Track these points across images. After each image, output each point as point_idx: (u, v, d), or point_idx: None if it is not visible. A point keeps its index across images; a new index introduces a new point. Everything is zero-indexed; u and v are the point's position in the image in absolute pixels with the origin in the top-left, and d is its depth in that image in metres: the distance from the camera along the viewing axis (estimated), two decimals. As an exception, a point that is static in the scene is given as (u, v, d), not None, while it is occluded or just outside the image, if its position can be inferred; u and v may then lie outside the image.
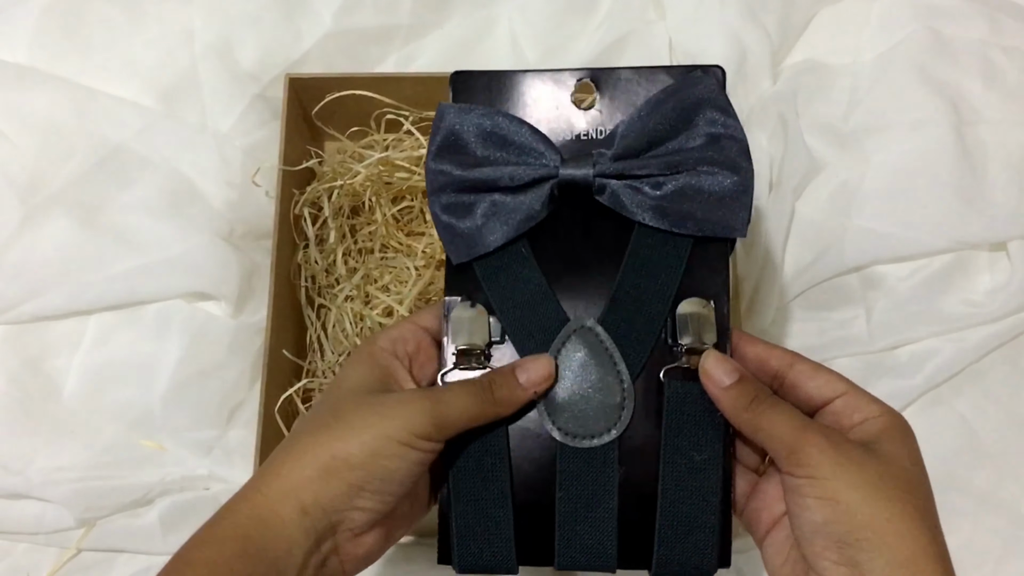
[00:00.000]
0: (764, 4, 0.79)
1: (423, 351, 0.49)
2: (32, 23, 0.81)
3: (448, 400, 0.44)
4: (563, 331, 0.48)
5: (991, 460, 0.68)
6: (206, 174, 0.77)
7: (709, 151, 0.48)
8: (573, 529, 0.47)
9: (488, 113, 0.50)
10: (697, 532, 0.47)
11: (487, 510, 0.47)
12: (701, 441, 0.47)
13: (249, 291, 0.74)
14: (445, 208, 0.49)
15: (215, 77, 0.79)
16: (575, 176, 0.49)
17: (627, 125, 0.50)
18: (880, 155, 0.74)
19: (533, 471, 0.48)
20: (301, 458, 0.42)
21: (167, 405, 0.71)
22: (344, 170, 0.74)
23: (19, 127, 0.78)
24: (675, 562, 0.47)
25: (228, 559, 0.40)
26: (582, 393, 0.48)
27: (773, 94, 0.77)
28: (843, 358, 0.71)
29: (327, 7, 0.80)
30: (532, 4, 0.81)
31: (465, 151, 0.50)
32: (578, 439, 0.48)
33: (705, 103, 0.49)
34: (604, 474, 0.47)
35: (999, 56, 0.76)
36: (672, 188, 0.48)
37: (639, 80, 0.51)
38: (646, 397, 0.48)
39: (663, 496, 0.47)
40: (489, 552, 0.47)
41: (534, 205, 0.49)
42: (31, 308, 0.73)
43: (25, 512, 0.70)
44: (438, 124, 0.50)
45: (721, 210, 0.48)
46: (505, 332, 0.49)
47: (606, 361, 0.48)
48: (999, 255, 0.72)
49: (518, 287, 0.49)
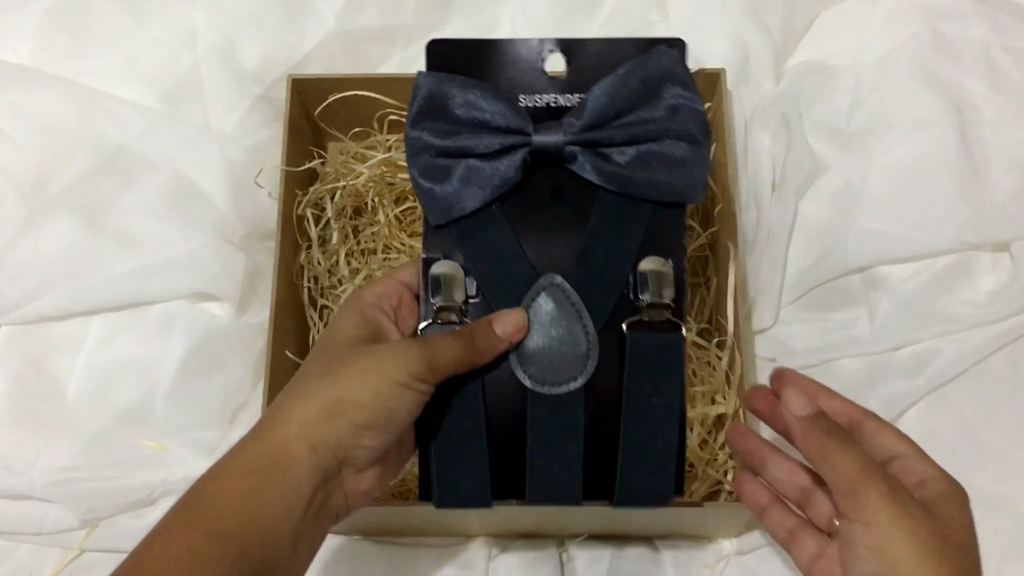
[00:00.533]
0: (767, 5, 0.79)
1: (405, 305, 0.53)
2: (35, 24, 0.81)
3: (438, 347, 0.48)
4: (533, 288, 0.52)
5: (994, 461, 0.67)
6: (209, 175, 0.77)
7: (671, 122, 0.52)
8: (542, 468, 0.52)
9: (464, 83, 0.52)
10: (656, 466, 0.51)
11: (464, 452, 0.51)
12: (660, 386, 0.51)
13: (252, 292, 0.74)
14: (423, 173, 0.52)
15: (218, 78, 0.79)
16: (546, 144, 0.52)
17: (595, 96, 0.52)
18: (883, 156, 0.74)
19: (506, 416, 0.52)
20: (308, 401, 0.46)
21: (170, 406, 0.71)
22: (347, 171, 0.74)
23: (22, 128, 0.78)
24: (635, 492, 0.52)
25: (242, 493, 0.43)
26: (551, 344, 0.52)
27: (776, 95, 0.77)
28: (846, 359, 0.71)
29: (330, 8, 0.80)
30: (534, 5, 0.81)
31: (443, 119, 0.53)
32: (547, 386, 0.52)
33: (668, 77, 0.52)
34: (571, 418, 0.51)
35: (1002, 56, 0.76)
36: (636, 156, 0.52)
37: (606, 51, 0.54)
38: (609, 348, 0.52)
39: (625, 436, 0.51)
40: (466, 489, 0.52)
41: (508, 171, 0.52)
42: (34, 309, 0.73)
43: (28, 513, 0.70)
44: (416, 92, 0.53)
45: (680, 177, 0.52)
46: (480, 289, 0.52)
47: (573, 315, 0.52)
48: (1002, 256, 0.72)
49: (492, 247, 0.52)
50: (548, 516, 0.66)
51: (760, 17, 0.79)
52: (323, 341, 0.50)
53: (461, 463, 0.52)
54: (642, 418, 0.51)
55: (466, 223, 0.53)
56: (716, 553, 0.68)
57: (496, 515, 0.65)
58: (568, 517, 0.66)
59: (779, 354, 0.71)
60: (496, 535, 0.69)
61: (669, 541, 0.68)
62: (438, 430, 0.51)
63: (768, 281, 0.72)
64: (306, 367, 0.48)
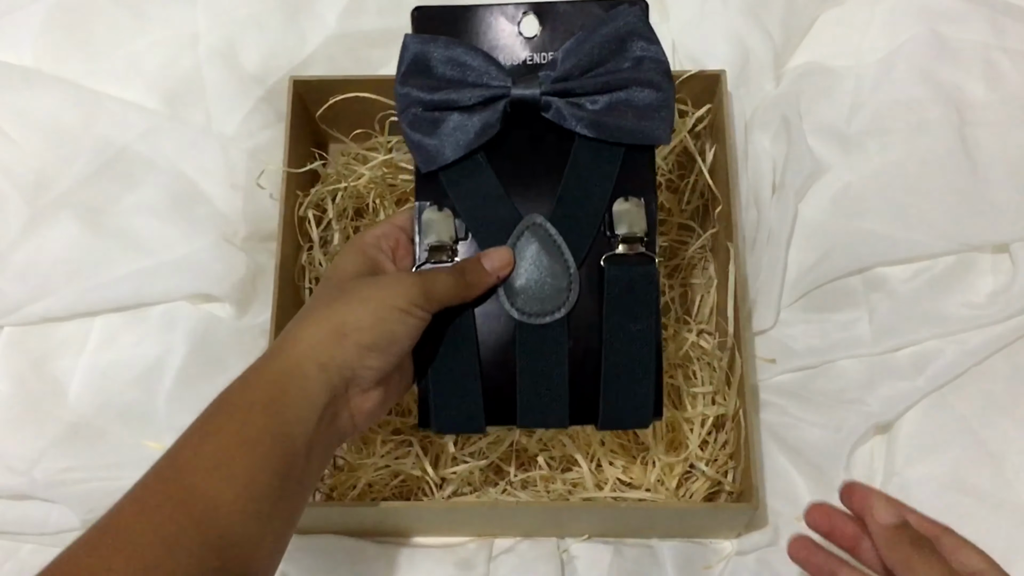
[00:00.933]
0: (767, 6, 0.79)
1: (401, 246, 0.58)
2: (37, 25, 0.81)
3: (433, 279, 0.53)
4: (517, 228, 0.56)
5: (994, 462, 0.67)
6: (210, 176, 0.77)
7: (636, 72, 0.56)
8: (531, 394, 0.56)
9: (447, 42, 0.57)
10: (635, 389, 0.56)
11: (459, 380, 0.56)
12: (637, 314, 0.55)
13: (253, 293, 0.75)
14: (412, 125, 0.57)
15: (220, 80, 0.79)
16: (524, 95, 0.56)
17: (567, 51, 0.57)
18: (883, 157, 0.74)
19: (497, 347, 0.56)
20: (316, 325, 0.50)
21: (171, 406, 0.71)
22: (348, 172, 0.75)
23: (24, 129, 0.78)
24: (617, 416, 0.56)
25: (262, 403, 0.47)
26: (535, 279, 0.56)
27: (776, 96, 0.78)
28: (845, 360, 0.71)
29: (331, 10, 0.81)
30: (535, 7, 0.81)
31: (428, 75, 0.57)
32: (533, 317, 0.56)
33: (633, 32, 0.57)
34: (556, 346, 0.56)
35: (1001, 58, 0.76)
36: (606, 103, 0.56)
37: (575, 12, 0.59)
38: (589, 280, 0.56)
39: (606, 361, 0.55)
40: (462, 416, 0.56)
41: (489, 121, 0.56)
42: (36, 309, 0.73)
43: (30, 513, 0.70)
44: (404, 53, 0.57)
45: (647, 121, 0.56)
46: (468, 230, 0.57)
47: (555, 251, 0.56)
48: (1002, 257, 0.72)
49: (478, 192, 0.57)
50: (548, 517, 0.66)
51: (760, 19, 0.79)
52: (327, 277, 0.55)
53: (456, 390, 0.56)
54: (620, 344, 0.55)
55: (454, 171, 0.57)
56: (716, 553, 0.68)
57: (497, 515, 0.65)
58: (568, 517, 0.66)
59: (779, 355, 0.71)
60: (496, 535, 0.69)
61: (669, 541, 0.68)
62: (434, 360, 0.55)
63: (768, 282, 0.72)
64: (313, 299, 0.53)
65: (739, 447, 0.65)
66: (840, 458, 0.68)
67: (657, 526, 0.68)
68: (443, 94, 0.56)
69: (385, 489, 0.68)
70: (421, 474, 0.67)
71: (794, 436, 0.69)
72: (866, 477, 0.68)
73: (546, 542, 0.68)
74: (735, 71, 0.77)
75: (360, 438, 0.69)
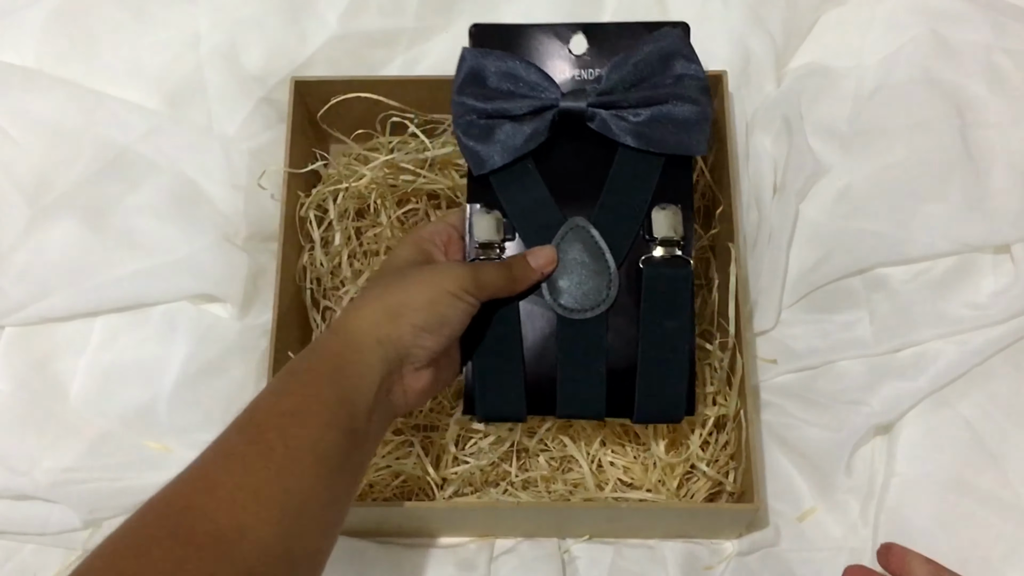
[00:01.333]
0: (769, 7, 0.79)
1: (453, 243, 0.61)
2: (39, 26, 0.81)
3: (483, 269, 0.57)
4: (561, 229, 0.60)
5: (995, 462, 0.67)
6: (212, 176, 0.77)
7: (677, 88, 0.60)
8: (571, 385, 0.60)
9: (502, 56, 0.62)
10: (670, 385, 0.59)
11: (504, 370, 0.59)
12: (672, 312, 0.59)
13: (255, 293, 0.75)
14: (466, 132, 0.61)
15: (221, 80, 0.79)
16: (572, 107, 0.60)
17: (612, 67, 0.61)
18: (884, 158, 0.74)
19: (540, 340, 0.60)
20: (374, 305, 0.53)
21: (173, 406, 0.71)
22: (349, 172, 0.75)
23: (26, 129, 0.78)
24: (652, 410, 0.60)
25: (328, 371, 0.50)
26: (577, 277, 0.60)
27: (777, 97, 0.78)
28: (847, 360, 0.71)
29: (332, 10, 0.81)
30: (537, 7, 0.81)
31: (483, 86, 0.62)
32: (575, 313, 0.60)
33: (675, 52, 0.61)
34: (595, 339, 0.59)
35: (1003, 59, 0.76)
36: (648, 116, 0.60)
37: (620, 33, 0.63)
38: (628, 280, 0.60)
39: (642, 356, 0.59)
40: (504, 404, 0.60)
41: (539, 129, 0.61)
42: (38, 310, 0.73)
43: (31, 513, 0.70)
44: (461, 64, 0.62)
45: (686, 133, 0.60)
46: (516, 230, 0.61)
47: (596, 252, 0.60)
48: (1003, 258, 0.72)
49: (526, 195, 0.61)
50: (550, 517, 0.66)
51: (761, 19, 0.79)
52: (385, 265, 0.59)
53: (500, 380, 0.59)
54: (656, 340, 0.59)
55: (504, 176, 0.61)
56: (717, 554, 0.68)
57: (498, 515, 0.65)
58: (570, 518, 0.66)
59: (780, 355, 0.71)
60: (497, 535, 0.69)
61: (670, 542, 0.68)
62: (481, 350, 0.59)
63: (769, 283, 0.72)
64: (371, 284, 0.57)
65: (740, 447, 0.65)
66: (841, 458, 0.68)
67: (658, 526, 0.68)
68: (496, 104, 0.60)
69: (386, 489, 0.68)
70: (422, 474, 0.67)
71: (795, 436, 0.69)
72: (867, 477, 0.68)
73: (547, 542, 0.68)
74: (736, 72, 0.77)
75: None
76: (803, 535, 0.68)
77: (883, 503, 0.67)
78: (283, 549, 0.44)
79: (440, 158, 0.74)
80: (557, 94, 0.60)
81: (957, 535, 0.66)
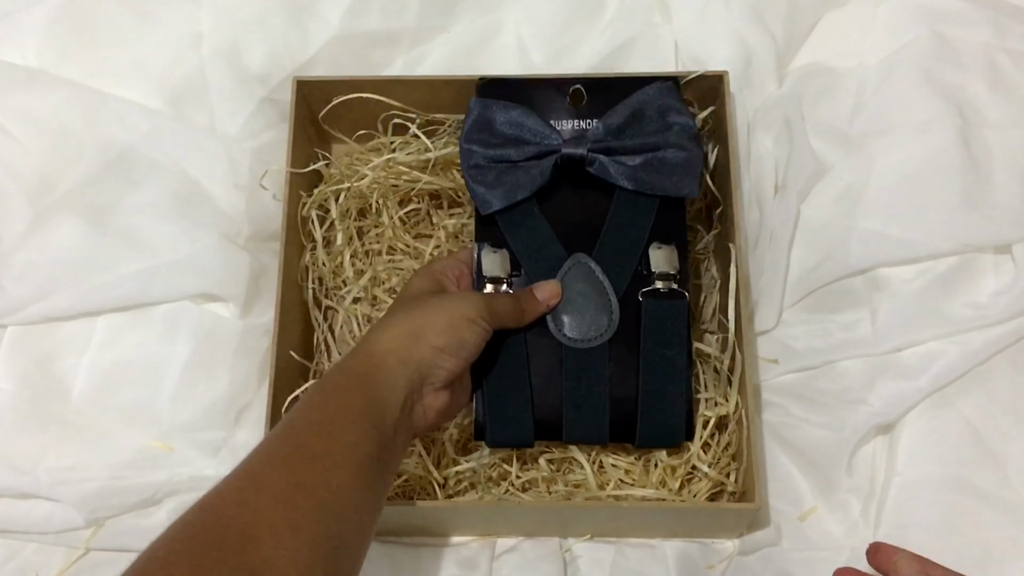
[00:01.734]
0: (770, 7, 0.79)
1: (463, 278, 0.65)
2: (42, 26, 0.81)
3: (495, 300, 0.61)
4: (565, 265, 0.65)
5: (996, 462, 0.67)
6: (214, 176, 0.77)
7: (670, 136, 0.66)
8: (576, 412, 0.63)
9: (507, 106, 0.67)
10: (669, 411, 0.63)
11: (512, 399, 0.63)
12: (670, 341, 0.64)
13: (256, 292, 0.75)
14: (473, 176, 0.66)
15: (223, 80, 0.79)
16: (573, 152, 0.66)
17: (610, 117, 0.67)
18: (885, 158, 0.74)
19: (545, 369, 0.64)
20: (396, 329, 0.56)
21: (175, 406, 0.71)
22: (351, 172, 0.75)
23: (28, 129, 0.78)
24: (653, 435, 0.64)
25: (356, 386, 0.53)
26: (581, 309, 0.64)
27: (778, 97, 0.78)
28: (848, 360, 0.71)
29: (334, 10, 0.81)
30: (538, 7, 0.81)
31: (490, 133, 0.67)
32: (579, 342, 0.64)
33: (666, 104, 0.67)
34: (598, 369, 0.64)
35: (1004, 59, 0.76)
36: (643, 161, 0.66)
37: (617, 86, 0.68)
38: (628, 312, 0.64)
39: (643, 383, 0.63)
40: (513, 431, 0.63)
41: (541, 173, 0.66)
42: (40, 309, 0.73)
43: (34, 512, 0.70)
44: (469, 114, 0.68)
45: (677, 177, 0.66)
46: (521, 267, 0.65)
47: (598, 286, 0.65)
48: (1004, 258, 0.72)
49: (531, 234, 0.66)
50: (551, 516, 0.66)
51: (763, 19, 0.79)
52: (402, 295, 0.62)
53: (509, 408, 0.63)
54: (655, 368, 0.63)
55: (510, 216, 0.66)
56: (718, 553, 0.68)
57: (499, 515, 0.65)
58: (571, 517, 0.66)
59: (781, 355, 0.71)
60: (499, 535, 0.69)
61: (672, 541, 0.68)
62: (490, 380, 0.63)
63: (770, 283, 0.72)
64: (390, 311, 0.60)
65: (741, 447, 0.65)
66: (842, 458, 0.68)
67: (659, 526, 0.68)
68: (502, 150, 0.66)
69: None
70: (424, 474, 0.67)
71: (796, 436, 0.69)
72: (868, 477, 0.68)
73: (549, 542, 0.68)
74: (738, 72, 0.77)
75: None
76: (804, 535, 0.68)
77: (884, 503, 0.67)
78: (331, 547, 0.47)
79: (442, 158, 0.74)
80: (559, 140, 0.66)
81: (958, 535, 0.66)
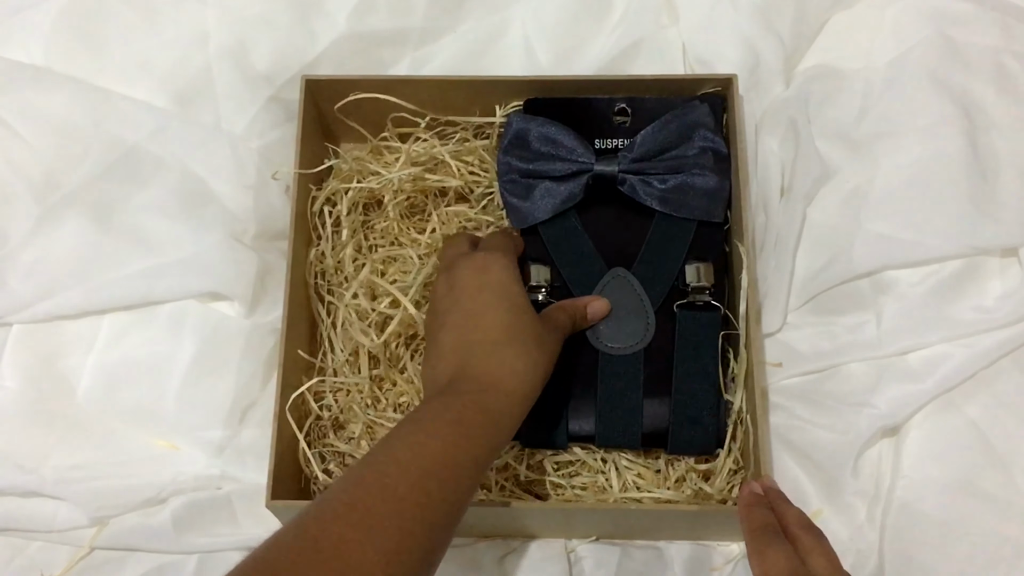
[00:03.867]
0: (777, 9, 0.79)
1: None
2: (48, 24, 0.81)
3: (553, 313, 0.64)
4: (605, 277, 0.68)
5: (1002, 465, 0.67)
6: (220, 175, 0.77)
7: (700, 159, 0.68)
8: (610, 416, 0.65)
9: (544, 122, 0.69)
10: (701, 418, 0.65)
11: (548, 401, 0.61)
12: (702, 351, 0.66)
13: (262, 291, 0.75)
14: (508, 189, 0.69)
15: (229, 79, 0.79)
16: (604, 171, 0.68)
17: (643, 137, 0.69)
18: (892, 160, 0.74)
19: (581, 374, 0.66)
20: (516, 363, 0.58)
21: (180, 404, 0.71)
22: (359, 170, 0.75)
23: (35, 127, 0.78)
24: (685, 443, 0.65)
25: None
26: (618, 318, 0.67)
27: (785, 99, 0.78)
28: (853, 363, 0.71)
29: (341, 10, 0.81)
30: (545, 8, 0.81)
31: (526, 149, 0.69)
32: (615, 349, 0.66)
33: (700, 125, 0.69)
34: (633, 373, 0.66)
35: (1011, 62, 0.76)
36: (673, 184, 0.68)
37: (659, 106, 0.71)
38: (663, 323, 0.67)
39: (676, 391, 0.65)
40: (547, 432, 0.66)
41: (574, 190, 0.68)
42: (45, 307, 0.73)
43: (38, 510, 0.70)
44: (508, 128, 0.70)
45: (705, 200, 0.68)
46: (564, 278, 0.68)
47: (635, 298, 0.67)
48: (1010, 261, 0.72)
49: (572, 248, 0.69)
50: (556, 518, 0.66)
51: (770, 22, 0.79)
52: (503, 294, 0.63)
53: (545, 410, 0.63)
54: (689, 376, 0.65)
55: (553, 230, 0.69)
56: (724, 556, 0.68)
57: (505, 516, 0.65)
58: (577, 519, 0.66)
59: (787, 358, 0.71)
60: (505, 536, 0.69)
61: (677, 543, 0.68)
62: None
63: (776, 285, 0.72)
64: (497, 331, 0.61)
65: (747, 449, 0.65)
66: (848, 461, 0.68)
67: (665, 528, 0.68)
68: (537, 165, 0.68)
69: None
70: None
71: (802, 439, 0.69)
72: (874, 480, 0.68)
73: (554, 543, 0.68)
74: (745, 74, 0.77)
75: (368, 438, 0.69)
76: (810, 537, 0.68)
77: (890, 505, 0.67)
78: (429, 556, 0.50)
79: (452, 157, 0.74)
80: (592, 159, 0.68)
81: (964, 537, 0.66)
